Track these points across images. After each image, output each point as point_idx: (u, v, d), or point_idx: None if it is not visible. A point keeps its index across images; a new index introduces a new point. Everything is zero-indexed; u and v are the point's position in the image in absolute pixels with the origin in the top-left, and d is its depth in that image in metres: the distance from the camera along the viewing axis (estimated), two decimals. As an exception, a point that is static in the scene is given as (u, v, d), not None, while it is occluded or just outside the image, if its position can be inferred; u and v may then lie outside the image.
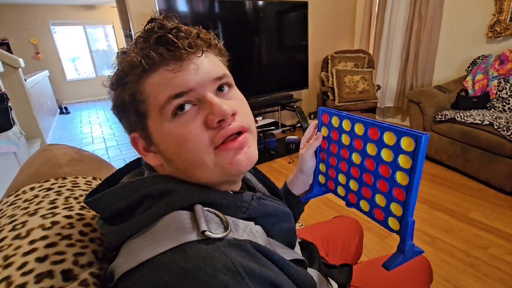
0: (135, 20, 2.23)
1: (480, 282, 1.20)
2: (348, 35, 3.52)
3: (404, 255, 0.42)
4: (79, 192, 0.51)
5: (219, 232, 0.31)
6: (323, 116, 0.54)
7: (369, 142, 0.45)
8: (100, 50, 6.98)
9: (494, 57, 2.24)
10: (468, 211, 1.67)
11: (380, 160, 0.44)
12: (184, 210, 0.33)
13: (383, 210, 0.45)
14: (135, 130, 0.38)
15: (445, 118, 2.08)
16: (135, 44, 0.36)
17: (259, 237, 0.36)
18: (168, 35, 0.34)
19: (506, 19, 2.27)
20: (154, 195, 0.34)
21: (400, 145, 0.40)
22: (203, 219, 0.31)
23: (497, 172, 1.80)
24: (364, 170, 0.47)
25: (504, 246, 1.39)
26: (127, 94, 0.36)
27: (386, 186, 0.44)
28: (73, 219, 0.43)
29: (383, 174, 0.44)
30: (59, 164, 0.56)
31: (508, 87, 2.11)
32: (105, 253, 0.42)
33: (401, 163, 0.41)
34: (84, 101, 6.77)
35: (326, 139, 0.55)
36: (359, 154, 0.48)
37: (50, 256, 0.37)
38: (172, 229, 0.31)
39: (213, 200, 0.35)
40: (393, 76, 3.11)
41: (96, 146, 3.41)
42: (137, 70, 0.34)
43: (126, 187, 0.36)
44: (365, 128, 0.46)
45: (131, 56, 0.35)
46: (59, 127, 4.57)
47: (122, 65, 0.36)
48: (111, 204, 0.35)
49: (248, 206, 0.37)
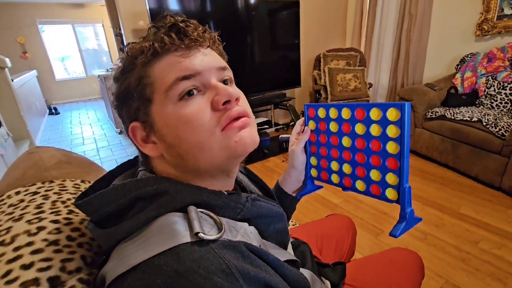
0: (124, 19, 2.19)
1: (471, 276, 1.23)
2: (340, 33, 3.53)
3: (407, 221, 0.44)
4: (67, 195, 0.50)
5: (213, 233, 0.31)
6: (309, 111, 0.57)
7: (357, 123, 0.49)
8: (90, 49, 6.86)
9: (482, 55, 2.28)
10: (459, 206, 1.70)
11: (370, 137, 0.47)
12: (177, 212, 0.32)
13: (379, 184, 0.48)
14: (137, 118, 0.38)
15: (436, 115, 2.11)
16: (147, 35, 0.39)
17: (253, 238, 0.36)
18: (180, 24, 0.37)
19: (493, 18, 2.31)
20: (146, 197, 0.33)
21: (387, 117, 0.44)
22: (196, 220, 0.31)
23: (486, 168, 1.84)
24: (356, 150, 0.50)
25: (493, 240, 1.42)
26: (133, 78, 0.37)
27: (379, 160, 0.47)
28: (60, 223, 0.42)
29: (374, 149, 0.47)
30: (46, 167, 0.55)
31: (495, 84, 2.15)
32: (94, 258, 0.41)
33: (390, 134, 0.44)
34: (74, 101, 6.66)
35: (314, 132, 0.57)
36: (349, 136, 0.51)
37: (36, 263, 0.35)
38: (165, 232, 0.30)
39: (207, 201, 0.35)
40: (385, 74, 3.14)
41: (87, 147, 3.35)
42: (148, 53, 0.36)
43: (117, 189, 0.34)
44: (351, 111, 0.49)
45: (141, 43, 0.37)
46: (49, 128, 4.48)
47: (132, 51, 0.37)
48: (102, 207, 0.34)
49: (243, 208, 0.37)
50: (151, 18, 1.95)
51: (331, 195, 1.89)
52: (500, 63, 2.16)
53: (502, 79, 2.12)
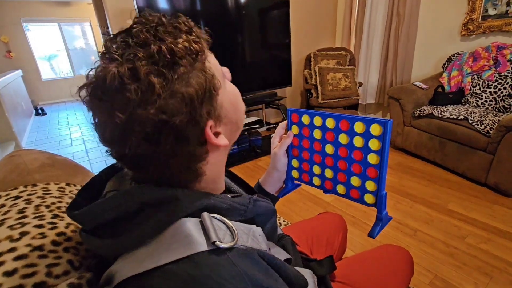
0: (112, 17, 2.15)
1: (459, 271, 1.25)
2: (329, 33, 3.56)
3: (382, 222, 0.50)
4: (51, 199, 0.48)
5: (228, 240, 0.32)
6: (292, 116, 0.59)
7: (341, 133, 0.52)
8: (77, 48, 6.72)
9: (468, 54, 2.34)
10: (447, 203, 1.74)
11: (353, 147, 0.51)
12: (190, 217, 0.32)
13: (358, 189, 0.52)
14: (208, 120, 0.34)
15: (424, 114, 2.15)
16: (167, 34, 0.32)
17: (262, 241, 0.37)
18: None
19: (478, 18, 2.37)
20: (153, 204, 0.32)
21: (370, 132, 0.47)
22: (211, 228, 0.31)
23: (473, 164, 1.88)
24: (338, 158, 0.54)
25: (480, 235, 1.46)
26: (202, 78, 0.33)
27: (360, 168, 0.51)
28: (44, 228, 0.40)
29: (356, 158, 0.51)
30: (29, 170, 0.53)
31: (481, 83, 2.20)
32: (81, 262, 0.39)
33: (372, 147, 0.48)
34: (62, 102, 6.51)
35: (297, 136, 0.60)
36: (332, 145, 0.54)
37: (19, 269, 0.34)
38: (181, 239, 0.30)
39: (215, 205, 0.35)
40: (374, 73, 3.18)
41: (75, 148, 3.29)
42: (203, 51, 0.35)
43: (119, 197, 0.33)
44: (336, 122, 0.52)
45: (182, 42, 0.31)
46: (35, 129, 4.37)
47: (179, 54, 0.31)
48: (102, 215, 0.33)
49: (246, 209, 0.38)
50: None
51: (323, 193, 1.90)
52: (484, 62, 2.21)
53: (487, 78, 2.17)
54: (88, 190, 0.40)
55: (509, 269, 1.24)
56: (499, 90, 2.10)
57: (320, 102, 2.82)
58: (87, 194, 0.39)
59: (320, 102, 2.82)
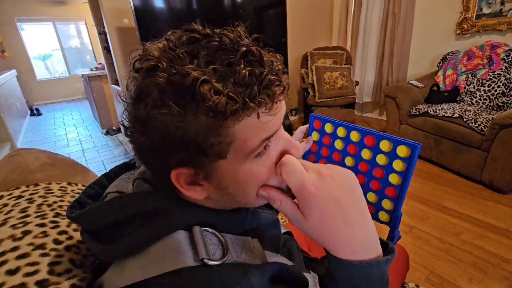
0: (108, 16, 2.14)
1: (454, 267, 1.27)
2: (326, 32, 3.57)
3: (393, 241, 0.48)
4: (53, 198, 0.49)
5: (218, 255, 0.31)
6: (314, 122, 0.57)
7: (365, 148, 0.50)
8: (73, 47, 6.66)
9: (463, 53, 2.36)
10: (442, 200, 1.76)
11: (375, 164, 0.49)
12: (181, 231, 0.32)
13: (374, 206, 0.50)
14: (187, 165, 0.30)
15: (419, 112, 2.17)
16: (224, 79, 0.27)
17: (256, 254, 0.36)
18: (272, 77, 0.29)
19: (472, 17, 2.39)
20: (145, 214, 0.32)
21: (396, 152, 0.46)
22: (201, 243, 0.30)
23: (467, 162, 1.91)
24: (357, 171, 0.51)
25: (474, 231, 1.48)
26: (198, 130, 0.28)
27: (378, 186, 0.49)
28: (46, 227, 0.41)
29: (376, 175, 0.49)
30: (30, 169, 0.54)
31: (475, 82, 2.23)
32: (82, 261, 0.40)
33: (396, 167, 0.46)
34: (57, 102, 6.45)
35: (316, 143, 0.58)
36: (353, 158, 0.52)
37: (22, 268, 0.35)
38: (169, 252, 0.30)
39: (210, 220, 0.34)
40: (370, 72, 3.20)
41: (71, 149, 3.27)
42: (229, 109, 0.27)
43: (114, 203, 0.33)
44: (361, 136, 0.50)
45: (225, 94, 0.26)
46: (31, 129, 4.33)
47: (217, 104, 0.26)
48: (97, 220, 0.33)
49: (244, 221, 0.38)
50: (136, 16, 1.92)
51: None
52: (479, 61, 2.24)
53: (481, 77, 2.20)
54: (94, 188, 0.40)
55: (502, 265, 1.27)
56: (492, 89, 2.13)
57: (317, 101, 2.83)
58: (91, 192, 0.39)
59: (317, 101, 2.83)
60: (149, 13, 1.99)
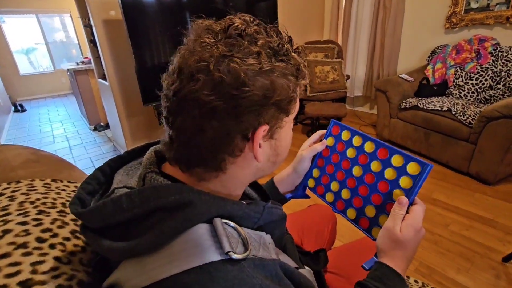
0: (94, 8, 2.07)
1: (443, 257, 1.30)
2: (317, 26, 3.56)
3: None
4: (36, 196, 0.46)
5: (240, 250, 0.31)
6: (333, 128, 0.59)
7: (375, 160, 0.50)
8: (58, 41, 6.45)
9: (451, 47, 2.39)
10: (432, 192, 1.79)
11: (381, 177, 0.49)
12: (202, 224, 0.31)
13: (369, 220, 0.50)
14: (268, 122, 0.35)
15: (409, 106, 2.19)
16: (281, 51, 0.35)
17: (272, 249, 0.37)
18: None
19: (461, 11, 2.42)
20: (167, 208, 0.30)
21: (406, 168, 0.46)
22: (224, 237, 0.30)
23: (456, 154, 1.94)
24: (362, 182, 0.52)
25: (462, 222, 1.51)
26: (289, 86, 0.35)
27: (380, 200, 0.49)
28: (29, 225, 0.39)
29: (380, 189, 0.49)
30: (12, 166, 0.51)
31: (463, 75, 2.27)
32: (70, 258, 0.38)
33: (402, 183, 0.46)
34: (42, 98, 6.26)
35: (329, 148, 0.59)
36: (361, 167, 0.52)
37: (2, 268, 0.33)
38: (193, 247, 0.29)
39: (230, 212, 0.34)
40: (361, 66, 3.22)
41: (58, 146, 3.18)
42: (302, 71, 0.37)
43: (134, 198, 0.31)
44: (375, 147, 0.51)
45: (299, 55, 0.38)
46: (14, 126, 4.20)
47: (299, 65, 0.37)
48: (113, 216, 0.31)
49: (260, 217, 0.37)
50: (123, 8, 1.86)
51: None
52: (467, 54, 2.27)
53: (469, 70, 2.23)
54: (92, 184, 0.38)
55: (489, 254, 1.30)
56: (480, 82, 2.17)
57: (309, 95, 2.83)
58: (90, 188, 0.37)
59: (309, 95, 2.83)
60: (137, 4, 1.93)
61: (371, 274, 0.45)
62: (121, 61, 2.26)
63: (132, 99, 2.37)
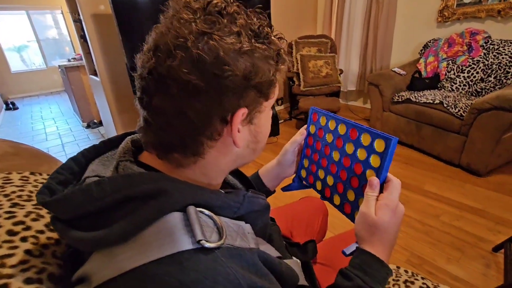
0: (83, 3, 2.04)
1: (433, 248, 1.31)
2: (311, 20, 3.54)
3: None
4: (12, 188, 0.45)
5: (214, 238, 0.30)
6: (313, 115, 0.58)
7: (348, 142, 0.49)
8: (50, 38, 6.35)
9: (443, 41, 2.39)
10: (423, 184, 1.80)
11: (356, 159, 0.48)
12: (176, 212, 0.30)
13: (351, 204, 0.50)
14: (247, 106, 0.35)
15: (402, 99, 2.20)
16: (263, 35, 0.35)
17: (250, 239, 0.35)
18: None
19: (453, 5, 2.42)
20: (139, 197, 0.29)
21: (373, 146, 0.45)
22: (197, 225, 0.29)
23: (447, 146, 1.96)
24: (341, 167, 0.51)
25: (453, 213, 1.53)
26: (269, 71, 0.35)
27: (357, 183, 0.48)
28: (0, 218, 0.38)
29: (356, 171, 0.48)
30: (-13, 159, 0.50)
31: (455, 68, 2.27)
32: (42, 251, 0.37)
33: (372, 163, 0.45)
34: (34, 95, 6.18)
35: (312, 136, 0.58)
36: (339, 152, 0.52)
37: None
38: (164, 236, 0.28)
39: (208, 201, 0.33)
40: (354, 60, 3.21)
41: (50, 143, 3.15)
42: (281, 57, 0.36)
43: (104, 186, 0.29)
44: (347, 128, 0.50)
45: (279, 40, 0.38)
46: (6, 124, 4.14)
47: (275, 45, 0.36)
48: (82, 206, 0.29)
49: (239, 206, 0.36)
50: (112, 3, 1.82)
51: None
52: (459, 48, 2.28)
53: (461, 63, 2.24)
54: (64, 174, 0.36)
55: (479, 244, 1.32)
56: (471, 75, 2.18)
57: (302, 90, 2.82)
58: (62, 178, 0.35)
59: (302, 89, 2.82)
60: (126, -2, 1.90)
61: (352, 262, 0.44)
62: (111, 57, 2.23)
63: (124, 95, 2.35)
